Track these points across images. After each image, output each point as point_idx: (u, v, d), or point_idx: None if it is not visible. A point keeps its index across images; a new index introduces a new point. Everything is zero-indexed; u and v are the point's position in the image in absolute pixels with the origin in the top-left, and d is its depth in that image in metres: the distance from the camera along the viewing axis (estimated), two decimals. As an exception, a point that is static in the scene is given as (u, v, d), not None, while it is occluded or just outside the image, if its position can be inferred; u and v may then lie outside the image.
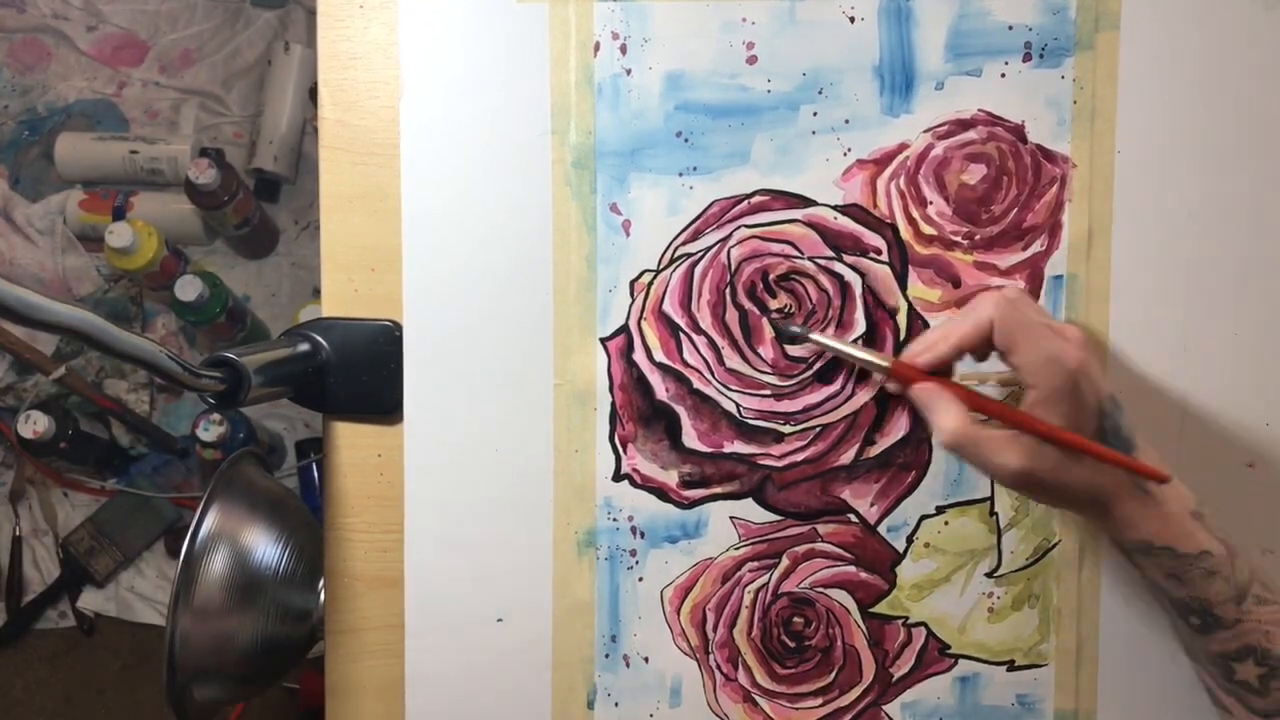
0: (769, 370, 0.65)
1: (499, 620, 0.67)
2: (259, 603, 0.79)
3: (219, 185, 1.41)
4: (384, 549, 0.68)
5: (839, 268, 0.65)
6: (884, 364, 0.60)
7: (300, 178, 1.58)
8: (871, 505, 0.66)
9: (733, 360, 0.66)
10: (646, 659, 0.67)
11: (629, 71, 0.65)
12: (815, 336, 0.63)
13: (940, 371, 0.59)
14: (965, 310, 0.58)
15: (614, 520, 0.66)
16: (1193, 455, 0.64)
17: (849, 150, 0.64)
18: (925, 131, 0.64)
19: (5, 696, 1.64)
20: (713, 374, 0.66)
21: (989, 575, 0.66)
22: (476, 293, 0.66)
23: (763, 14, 0.64)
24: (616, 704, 0.67)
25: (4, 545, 1.62)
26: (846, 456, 0.66)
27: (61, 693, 1.64)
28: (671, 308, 0.66)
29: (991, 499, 0.65)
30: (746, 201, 0.65)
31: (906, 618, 0.66)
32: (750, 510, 0.66)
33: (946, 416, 0.56)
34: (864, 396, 0.65)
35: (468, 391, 0.67)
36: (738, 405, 0.66)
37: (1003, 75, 0.63)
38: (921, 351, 0.59)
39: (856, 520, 0.66)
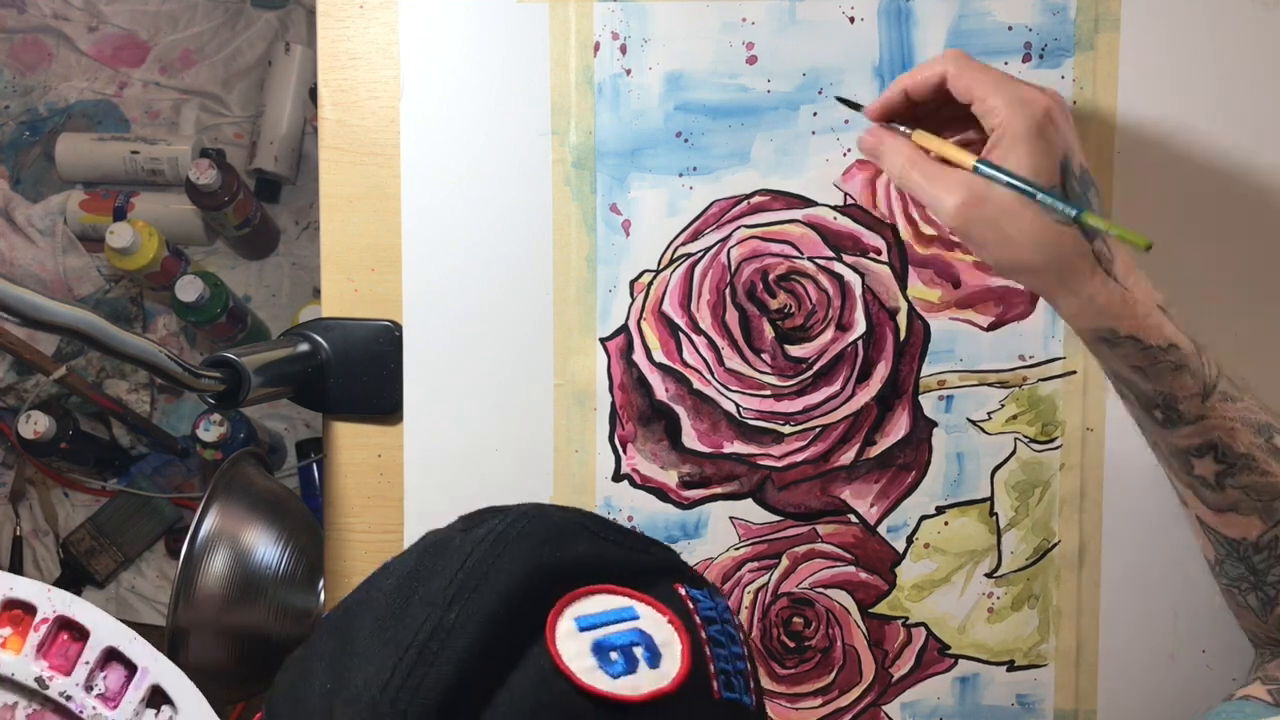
0: (769, 370, 0.65)
1: (499, 620, 0.67)
2: (259, 603, 0.79)
3: (219, 186, 1.41)
4: (384, 549, 0.68)
5: (839, 268, 0.65)
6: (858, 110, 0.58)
7: (301, 178, 1.58)
8: (871, 505, 0.66)
9: (733, 360, 0.66)
10: (646, 659, 0.67)
11: (629, 71, 0.65)
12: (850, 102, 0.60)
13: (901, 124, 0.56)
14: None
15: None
16: (1193, 455, 0.64)
17: (849, 150, 0.64)
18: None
19: (6, 697, 1.64)
20: (713, 374, 0.66)
21: (989, 575, 0.66)
22: (476, 293, 0.66)
23: (763, 14, 0.64)
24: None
25: (4, 545, 1.62)
26: (846, 457, 0.66)
27: (62, 693, 1.64)
28: (671, 308, 0.66)
29: (991, 499, 0.65)
30: (746, 202, 0.65)
31: (906, 618, 0.66)
32: (750, 511, 0.66)
33: (892, 155, 0.54)
34: (864, 396, 0.65)
35: (468, 391, 0.67)
36: (737, 405, 0.66)
37: (1003, 75, 0.63)
38: (875, 104, 0.57)
39: (856, 520, 0.66)
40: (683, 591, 0.42)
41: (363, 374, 0.67)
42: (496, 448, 0.67)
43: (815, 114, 0.64)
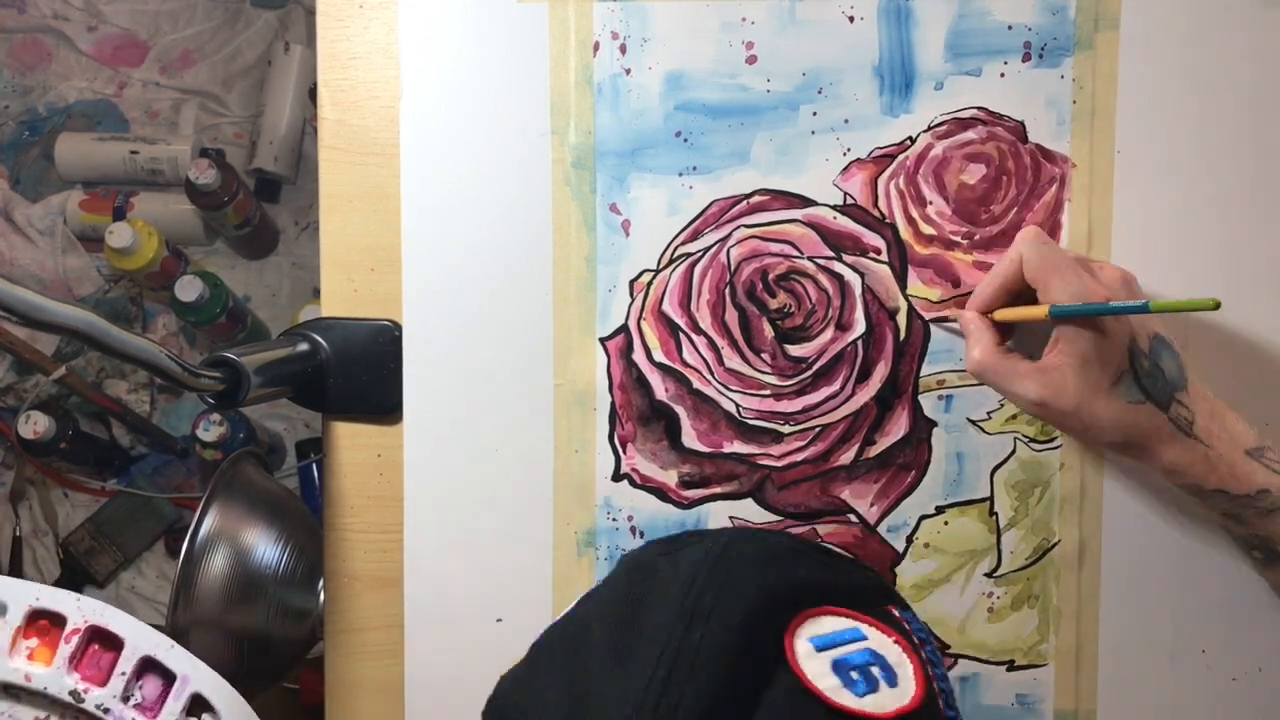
0: (769, 370, 0.65)
1: (499, 620, 0.67)
2: (259, 603, 0.79)
3: (219, 185, 1.41)
4: (384, 549, 0.68)
5: (838, 267, 0.65)
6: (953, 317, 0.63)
7: (300, 178, 1.58)
8: (871, 505, 0.66)
9: (732, 360, 0.66)
10: (646, 659, 0.67)
11: (629, 71, 0.65)
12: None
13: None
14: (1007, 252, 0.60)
15: (614, 520, 0.66)
16: (1192, 455, 0.64)
17: (849, 150, 0.64)
18: (925, 131, 0.64)
19: (5, 697, 1.64)
20: (712, 374, 0.66)
21: (989, 575, 0.66)
22: (476, 293, 0.66)
23: (762, 14, 0.64)
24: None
25: (4, 545, 1.62)
26: (846, 457, 0.66)
27: (62, 693, 1.64)
28: (671, 308, 0.66)
29: (991, 499, 0.65)
30: (746, 201, 0.65)
31: (906, 618, 0.66)
32: (750, 510, 0.66)
33: (975, 344, 0.58)
34: (864, 396, 0.65)
35: (468, 391, 0.67)
36: (737, 405, 0.66)
37: (1002, 75, 0.63)
38: (974, 297, 0.61)
39: (856, 520, 0.66)
40: (896, 613, 0.43)
41: (362, 374, 0.67)
42: (496, 448, 0.67)
43: (815, 114, 0.64)
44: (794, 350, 0.65)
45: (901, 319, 0.65)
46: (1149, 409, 0.55)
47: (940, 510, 0.65)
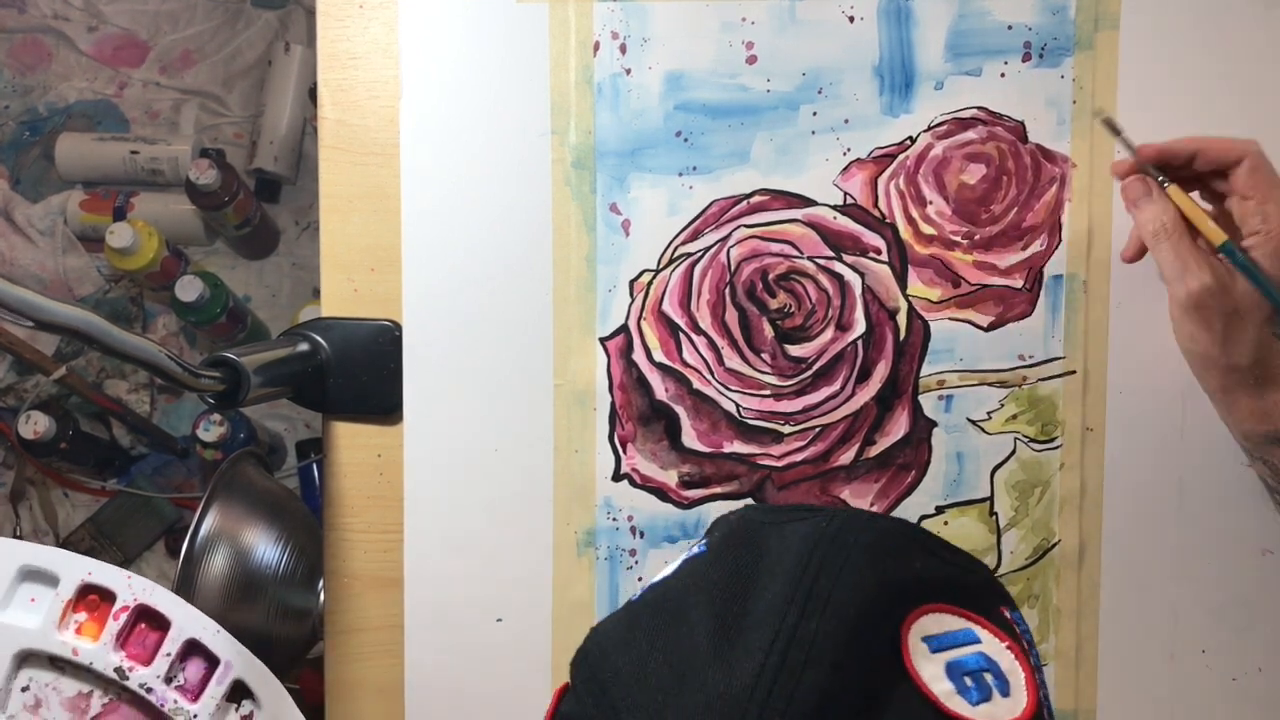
0: (769, 370, 0.65)
1: (499, 620, 0.67)
2: (259, 602, 0.79)
3: (219, 186, 1.41)
4: (384, 549, 0.68)
5: (839, 267, 0.65)
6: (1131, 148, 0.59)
7: (300, 178, 1.58)
8: (871, 505, 0.66)
9: (732, 360, 0.66)
10: (646, 659, 0.67)
11: (629, 71, 0.65)
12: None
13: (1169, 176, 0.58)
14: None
15: (614, 520, 0.66)
16: (1193, 455, 0.64)
17: (849, 150, 0.64)
18: (925, 131, 0.64)
19: (6, 697, 1.64)
20: (712, 374, 0.66)
21: (989, 575, 0.66)
22: (476, 293, 0.66)
23: (762, 14, 0.64)
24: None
25: (4, 545, 1.62)
26: (846, 457, 0.65)
27: (62, 693, 1.64)
28: (671, 308, 0.66)
29: (991, 499, 0.65)
30: (746, 201, 0.65)
31: (906, 618, 0.66)
32: (750, 510, 0.66)
33: (1152, 215, 0.56)
34: (864, 396, 0.65)
35: (468, 391, 0.67)
36: (737, 405, 0.66)
37: (1002, 75, 0.63)
38: (1163, 144, 0.58)
39: (856, 520, 0.66)
40: (1008, 615, 0.41)
41: (362, 374, 0.67)
42: (496, 448, 0.67)
43: (815, 113, 0.64)
44: (794, 350, 0.65)
45: (901, 319, 0.65)
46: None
47: (940, 510, 0.65)
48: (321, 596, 0.73)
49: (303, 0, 1.58)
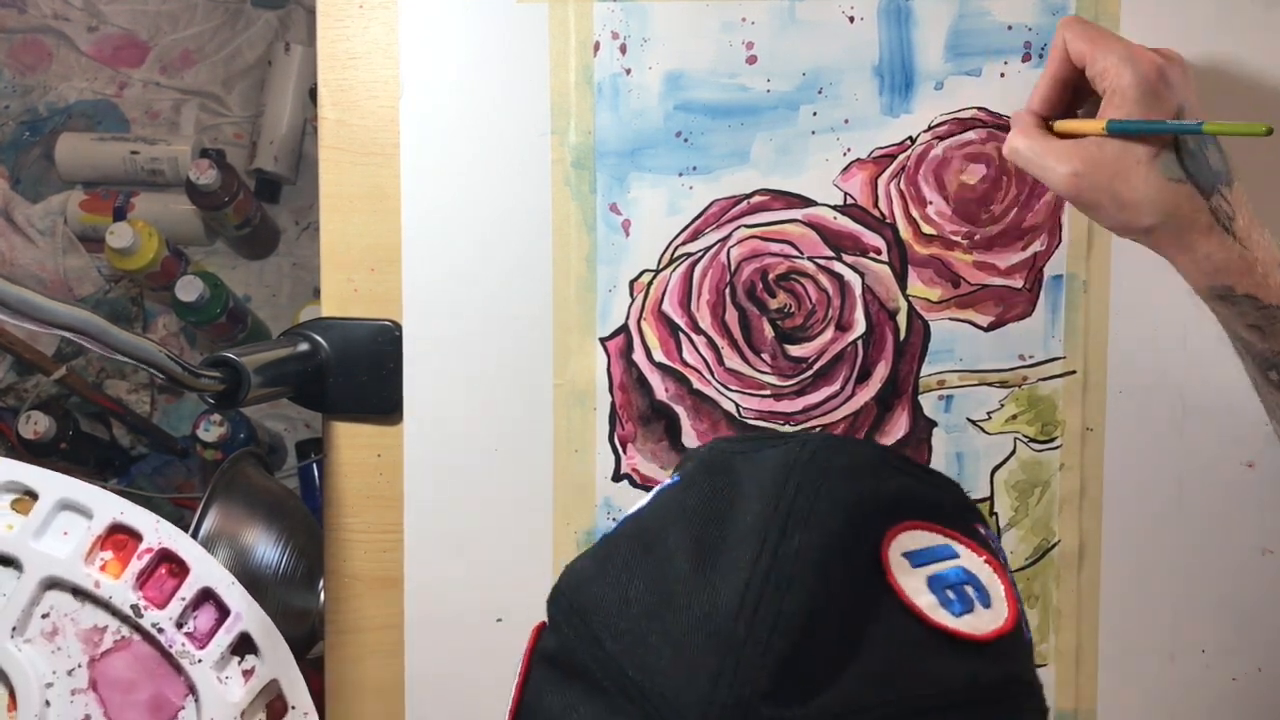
0: (769, 370, 0.65)
1: (499, 620, 0.67)
2: (258, 602, 0.79)
3: (219, 186, 1.41)
4: (384, 549, 0.68)
5: (838, 267, 0.65)
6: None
7: (300, 178, 1.58)
8: (871, 505, 0.66)
9: (732, 360, 0.65)
10: (646, 659, 0.67)
11: (629, 71, 0.65)
12: None
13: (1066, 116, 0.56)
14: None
15: (614, 520, 0.66)
16: (1193, 455, 0.64)
17: (849, 150, 0.64)
18: (925, 131, 0.64)
19: (6, 697, 1.64)
20: (712, 374, 0.66)
21: (989, 575, 0.66)
22: (476, 293, 0.66)
23: (763, 14, 0.64)
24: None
25: (4, 545, 1.61)
26: (846, 456, 0.65)
27: (62, 693, 1.63)
28: (671, 308, 0.66)
29: (991, 499, 0.65)
30: (746, 201, 0.65)
31: (906, 618, 0.66)
32: (750, 510, 0.66)
33: (1015, 129, 0.55)
34: (864, 396, 0.65)
35: (468, 391, 0.67)
36: (737, 405, 0.66)
37: (1002, 75, 0.63)
38: (1029, 98, 0.57)
39: (856, 520, 0.66)
40: (983, 531, 0.41)
41: (362, 374, 0.67)
42: (496, 448, 0.67)
43: (815, 114, 0.64)
44: (794, 350, 0.65)
45: (901, 319, 0.65)
46: (1189, 191, 0.51)
47: (940, 510, 0.65)
48: (321, 596, 0.73)
49: (303, 0, 1.58)
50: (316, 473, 1.52)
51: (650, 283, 0.66)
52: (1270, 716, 0.65)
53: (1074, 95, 0.56)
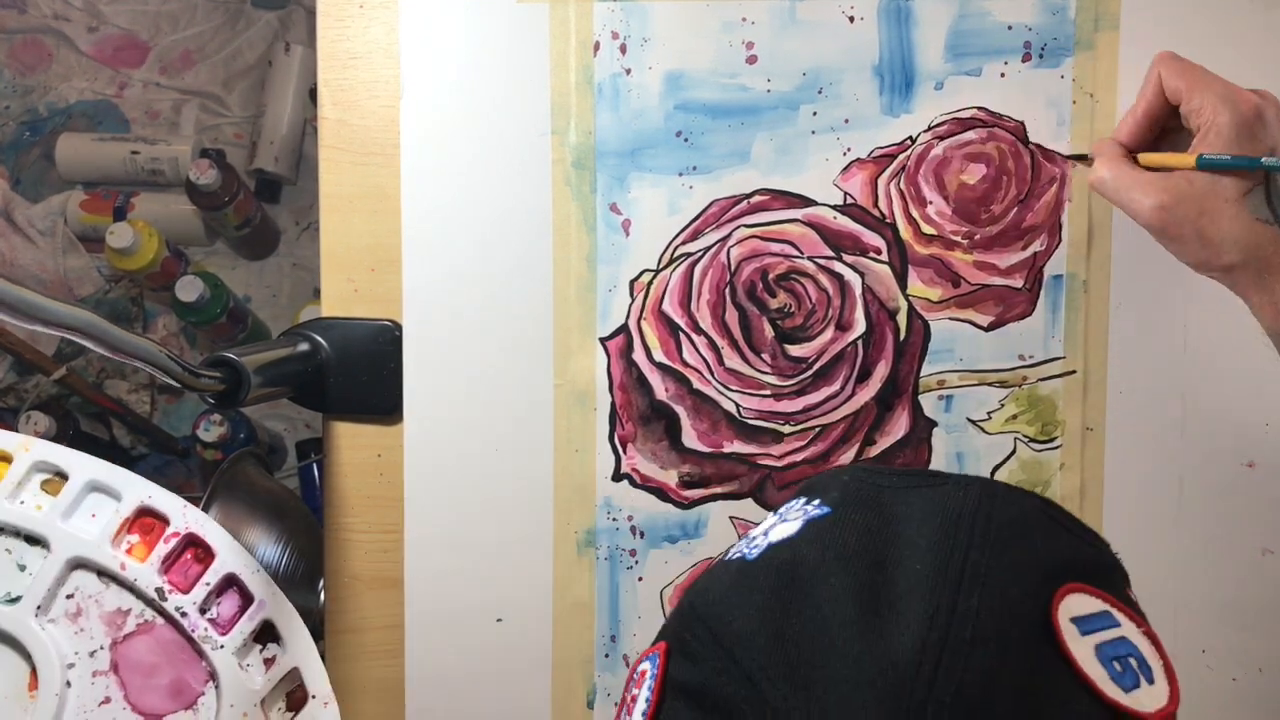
0: (769, 370, 0.65)
1: (499, 620, 0.67)
2: (259, 603, 0.79)
3: (220, 186, 1.41)
4: (384, 549, 0.68)
5: (839, 267, 0.65)
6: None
7: (301, 178, 1.58)
8: (871, 505, 0.66)
9: (732, 360, 0.66)
10: (646, 659, 0.67)
11: (629, 71, 0.65)
12: None
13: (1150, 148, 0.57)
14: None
15: (614, 520, 0.66)
16: (1193, 455, 0.64)
17: (849, 150, 0.64)
18: (925, 131, 0.64)
19: (6, 697, 1.64)
20: (712, 374, 0.66)
21: (989, 575, 0.66)
22: (476, 293, 0.66)
23: (763, 14, 0.64)
24: (616, 704, 0.67)
25: (5, 545, 1.61)
26: (846, 457, 0.65)
27: (62, 693, 1.63)
28: (671, 307, 0.66)
29: (991, 499, 0.65)
30: (746, 201, 0.65)
31: (906, 618, 0.66)
32: (750, 510, 0.66)
33: (1100, 160, 0.56)
34: (864, 396, 0.65)
35: (468, 391, 0.67)
36: (737, 405, 0.66)
37: (1002, 75, 0.63)
38: (1116, 128, 0.58)
39: (856, 520, 0.66)
40: (1133, 596, 0.39)
41: (362, 374, 0.67)
42: (496, 448, 0.67)
43: (815, 113, 0.64)
44: (794, 350, 0.65)
45: (902, 319, 0.65)
46: (1275, 233, 0.52)
47: (940, 510, 0.65)
48: (321, 596, 0.73)
49: (303, 0, 1.58)
50: (316, 473, 1.52)
51: (650, 283, 0.66)
52: (1271, 717, 0.65)
53: (1161, 131, 0.56)
